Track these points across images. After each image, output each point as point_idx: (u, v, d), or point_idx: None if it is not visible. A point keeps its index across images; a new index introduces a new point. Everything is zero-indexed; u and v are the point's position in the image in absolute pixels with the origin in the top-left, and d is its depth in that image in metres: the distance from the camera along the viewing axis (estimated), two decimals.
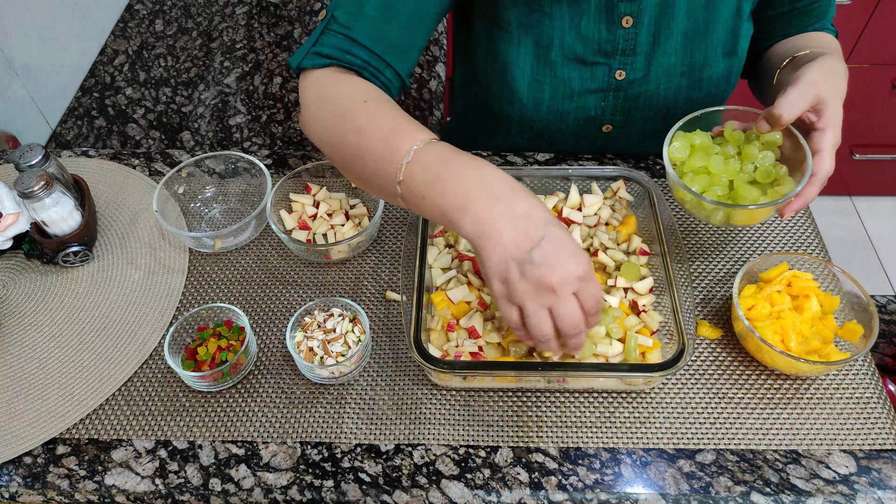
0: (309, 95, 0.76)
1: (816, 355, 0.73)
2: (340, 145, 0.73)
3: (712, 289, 0.84)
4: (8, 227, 0.85)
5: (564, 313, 0.62)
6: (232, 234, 0.87)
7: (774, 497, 0.68)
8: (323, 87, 0.75)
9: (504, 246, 0.61)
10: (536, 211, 0.63)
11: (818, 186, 0.72)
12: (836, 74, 0.75)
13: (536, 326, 0.62)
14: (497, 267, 0.62)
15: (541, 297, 0.61)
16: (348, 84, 0.74)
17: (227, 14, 1.38)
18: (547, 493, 0.69)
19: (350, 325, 0.78)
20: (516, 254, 0.61)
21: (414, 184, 0.66)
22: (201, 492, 0.70)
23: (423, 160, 0.66)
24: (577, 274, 0.61)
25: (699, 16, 0.84)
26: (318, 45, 0.76)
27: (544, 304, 0.62)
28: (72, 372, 0.78)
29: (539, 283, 0.60)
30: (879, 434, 0.72)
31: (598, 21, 0.84)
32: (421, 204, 0.66)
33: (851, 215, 2.21)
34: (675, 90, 0.90)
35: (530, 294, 0.61)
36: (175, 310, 0.84)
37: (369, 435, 0.73)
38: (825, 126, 0.72)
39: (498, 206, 0.62)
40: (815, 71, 0.73)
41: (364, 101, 0.72)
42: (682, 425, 0.73)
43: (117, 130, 1.18)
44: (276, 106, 1.20)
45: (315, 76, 0.76)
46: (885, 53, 1.75)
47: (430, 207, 0.66)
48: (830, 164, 0.72)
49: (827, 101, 0.72)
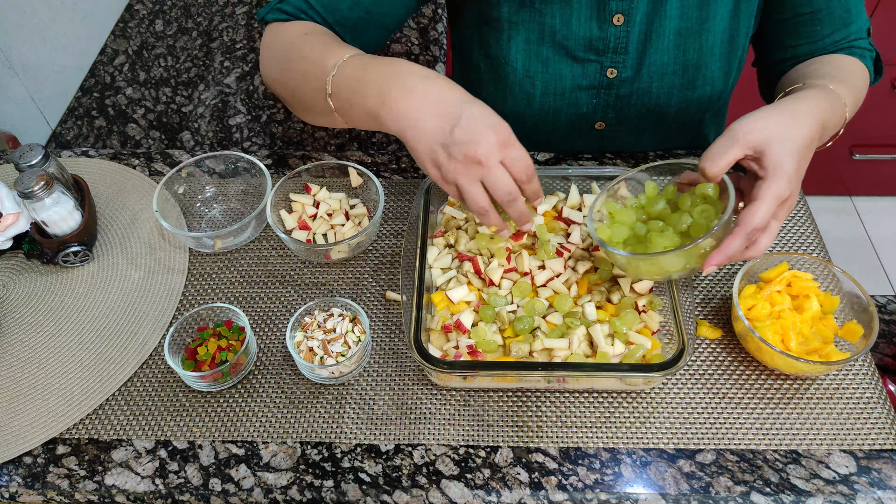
0: (265, 40, 0.85)
1: (816, 355, 0.73)
2: (286, 76, 0.80)
3: (712, 289, 0.84)
4: (8, 227, 0.85)
5: (495, 182, 0.66)
6: (232, 234, 0.87)
7: (774, 497, 0.68)
8: (275, 31, 0.84)
9: (427, 132, 0.66)
10: (451, 93, 0.67)
11: (741, 238, 0.64)
12: (795, 117, 0.67)
13: (473, 200, 0.67)
14: (425, 154, 0.67)
15: (470, 172, 0.65)
16: (296, 25, 0.82)
17: (227, 14, 1.38)
18: (547, 493, 0.69)
19: (350, 325, 0.78)
20: (439, 138, 0.65)
21: (341, 93, 0.72)
22: (201, 492, 0.70)
23: (346, 70, 0.72)
24: (499, 142, 0.65)
25: (692, 14, 0.83)
26: (283, 3, 0.84)
27: (475, 177, 0.66)
28: (72, 372, 0.78)
29: (465, 158, 0.65)
30: (879, 434, 0.72)
31: (590, 18, 0.84)
32: (350, 112, 0.72)
33: (851, 215, 2.21)
34: (668, 89, 0.90)
35: (461, 170, 0.65)
36: (175, 310, 0.84)
37: (369, 435, 0.73)
38: (764, 175, 0.65)
39: (413, 96, 0.67)
40: (754, 116, 0.67)
41: (305, 34, 0.79)
42: (682, 425, 0.73)
43: (117, 130, 1.17)
44: (276, 106, 1.20)
45: (272, 26, 0.85)
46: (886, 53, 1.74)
47: (358, 113, 0.72)
48: (762, 216, 0.64)
49: (766, 149, 0.65)
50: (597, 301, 0.77)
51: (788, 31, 0.87)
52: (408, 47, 1.31)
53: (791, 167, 0.65)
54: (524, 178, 0.67)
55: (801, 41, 0.87)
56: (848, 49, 0.86)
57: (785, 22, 0.87)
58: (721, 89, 0.91)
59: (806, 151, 0.67)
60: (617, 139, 0.98)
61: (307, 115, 0.82)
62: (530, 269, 0.80)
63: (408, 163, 0.99)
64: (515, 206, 0.68)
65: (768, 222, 0.66)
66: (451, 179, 0.67)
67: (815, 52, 0.87)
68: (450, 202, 0.88)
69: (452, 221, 0.86)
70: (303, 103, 0.80)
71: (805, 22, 0.86)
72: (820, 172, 2.11)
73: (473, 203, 0.67)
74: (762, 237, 0.66)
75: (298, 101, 0.80)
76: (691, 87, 0.90)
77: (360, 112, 0.71)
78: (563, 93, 0.90)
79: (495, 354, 0.75)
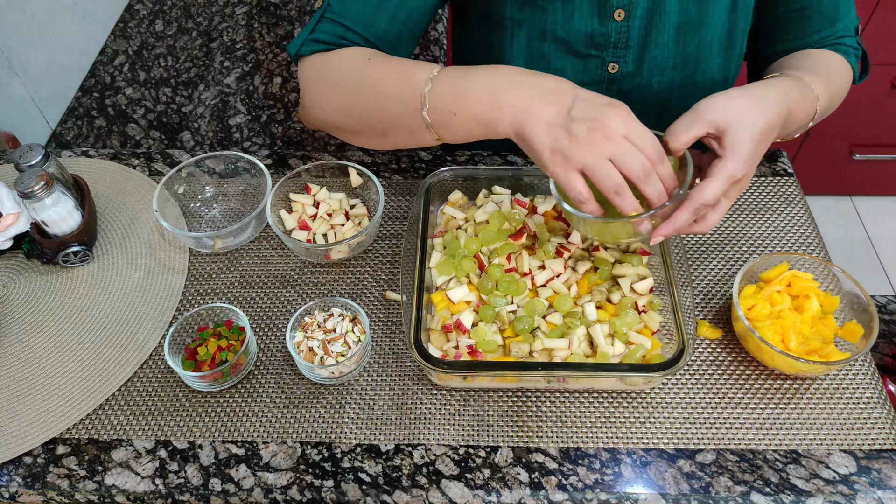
0: (309, 74, 0.81)
1: (816, 355, 0.73)
2: (357, 103, 0.77)
3: (712, 289, 0.84)
4: (8, 227, 0.85)
5: (627, 157, 0.63)
6: (232, 234, 0.87)
7: (774, 497, 0.68)
8: (323, 62, 0.80)
9: (545, 120, 0.65)
10: (562, 83, 0.67)
11: (689, 213, 0.65)
12: (760, 101, 0.68)
13: (607, 176, 0.63)
14: (545, 142, 0.64)
15: (597, 149, 0.62)
16: (347, 52, 0.79)
17: (227, 14, 1.38)
18: (547, 493, 0.69)
19: (350, 325, 0.78)
20: (558, 120, 0.64)
21: (441, 104, 0.70)
22: (201, 492, 0.70)
23: (442, 82, 0.71)
24: (621, 116, 0.63)
25: (692, 9, 0.84)
26: (316, 33, 0.80)
27: (603, 154, 0.62)
28: (72, 372, 0.78)
29: (589, 135, 0.62)
30: (879, 434, 0.72)
31: (591, 14, 0.84)
32: (453, 122, 0.71)
33: (851, 215, 2.21)
34: (669, 84, 0.90)
35: (586, 150, 0.62)
36: (175, 310, 0.84)
37: (369, 435, 0.73)
38: (722, 154, 0.66)
39: (527, 91, 0.66)
40: (722, 96, 0.68)
41: (368, 59, 0.77)
42: (682, 425, 0.73)
43: (117, 130, 1.18)
44: (276, 106, 1.20)
45: (312, 58, 0.81)
46: (885, 53, 1.74)
47: (464, 120, 0.70)
48: (712, 193, 0.65)
49: (728, 129, 0.66)
50: (597, 301, 0.77)
51: (779, 26, 0.89)
52: None
53: (748, 149, 0.66)
54: (655, 155, 0.64)
55: (791, 37, 0.88)
56: (833, 45, 0.87)
57: (776, 18, 0.88)
58: (721, 84, 0.92)
59: (765, 136, 0.68)
60: None
61: (383, 139, 0.79)
62: (530, 269, 0.80)
63: (408, 163, 0.99)
64: (653, 183, 0.64)
65: (718, 200, 0.67)
66: (577, 162, 0.63)
67: (802, 47, 0.88)
68: (450, 202, 0.88)
69: (452, 221, 0.86)
70: (380, 128, 0.77)
71: (795, 18, 0.87)
72: (820, 172, 2.11)
73: (608, 178, 0.63)
74: (711, 214, 0.68)
75: (374, 126, 0.78)
76: (691, 82, 0.90)
77: (465, 119, 0.70)
78: None
79: (495, 354, 0.75)
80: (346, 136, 0.83)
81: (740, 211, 0.92)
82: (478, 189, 0.89)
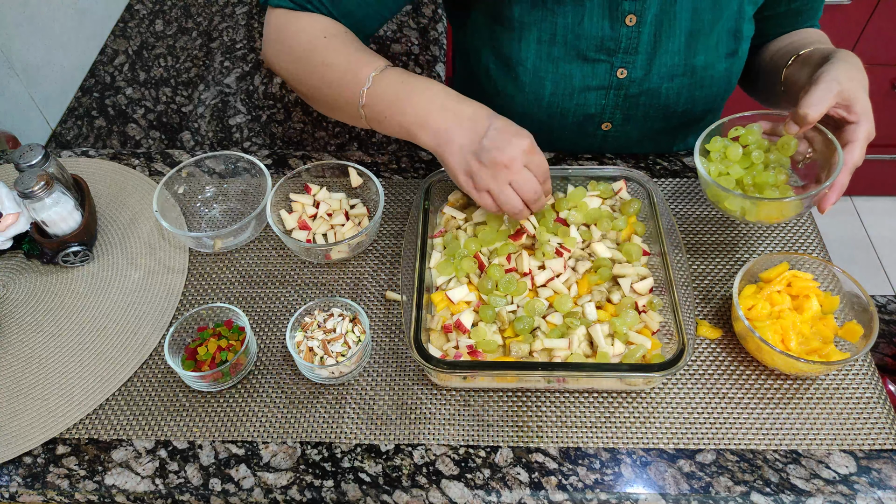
0: (271, 30, 0.85)
1: (816, 355, 0.73)
2: (306, 78, 0.83)
3: (712, 289, 0.84)
4: (8, 227, 0.85)
5: (522, 184, 0.74)
6: (232, 234, 0.87)
7: (774, 497, 0.68)
8: (286, 22, 0.84)
9: (459, 145, 0.74)
10: (480, 111, 0.75)
11: (849, 175, 0.73)
12: (855, 67, 0.76)
13: (507, 202, 0.74)
14: (459, 164, 0.74)
15: (499, 176, 0.73)
16: (309, 22, 0.83)
17: (227, 14, 1.38)
18: (547, 493, 0.69)
19: (350, 325, 0.78)
20: (471, 147, 0.73)
21: (375, 106, 0.78)
22: (201, 492, 0.70)
23: (382, 85, 0.77)
24: (523, 149, 0.73)
25: (705, 17, 0.84)
26: None
27: (504, 180, 0.73)
28: (72, 372, 0.78)
29: (494, 164, 0.72)
30: (879, 434, 0.72)
31: (602, 18, 0.84)
32: (382, 122, 0.78)
33: (851, 215, 2.21)
34: (677, 90, 0.90)
35: (491, 176, 0.73)
36: (175, 310, 0.84)
37: (369, 435, 0.73)
38: (856, 119, 0.74)
39: (449, 116, 0.74)
40: (836, 68, 0.74)
41: (324, 37, 0.81)
42: (682, 425, 0.73)
43: (117, 130, 1.18)
44: (276, 106, 1.20)
45: (279, 13, 0.85)
46: (885, 53, 1.74)
47: (390, 125, 0.78)
48: (860, 154, 0.74)
49: (854, 96, 0.73)
50: (597, 301, 0.77)
51: (778, 22, 0.92)
52: (408, 47, 1.31)
53: (871, 111, 0.75)
54: (542, 179, 0.76)
55: (784, 30, 0.94)
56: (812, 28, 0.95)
57: (777, 16, 0.92)
58: (725, 88, 0.92)
59: None
60: (621, 140, 0.98)
61: (328, 112, 0.87)
62: (530, 269, 0.80)
63: (408, 163, 0.99)
64: (539, 203, 0.76)
65: None
66: (483, 186, 0.74)
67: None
68: (450, 202, 0.88)
69: (452, 221, 0.86)
70: (324, 103, 0.85)
71: (793, 13, 0.91)
72: None
73: (509, 204, 0.74)
74: None
75: (318, 100, 0.85)
76: (699, 87, 0.91)
77: (393, 124, 0.77)
78: (572, 93, 0.90)
79: (495, 354, 0.75)
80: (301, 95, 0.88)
81: None
82: None
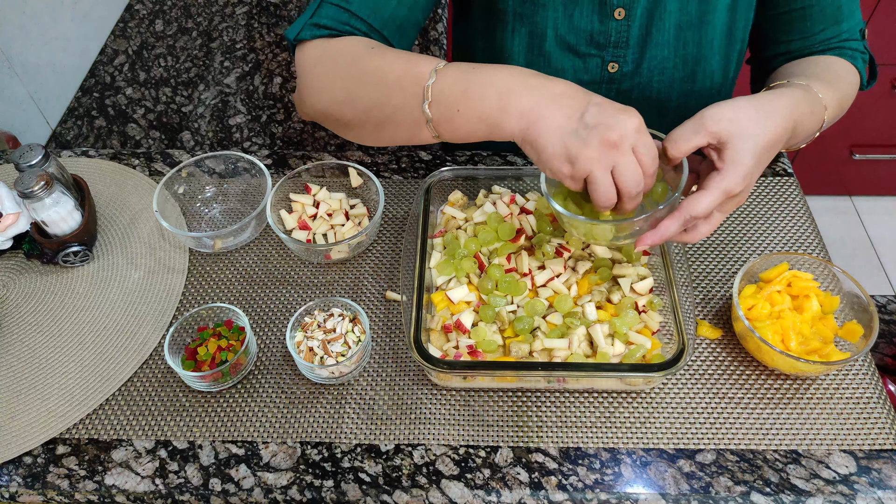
0: (308, 60, 0.77)
1: (816, 355, 0.73)
2: (356, 91, 0.73)
3: (712, 289, 0.84)
4: (8, 227, 0.85)
5: (626, 171, 0.62)
6: (232, 234, 0.87)
7: (774, 497, 0.68)
8: (324, 48, 0.76)
9: (556, 124, 0.62)
10: (573, 88, 0.64)
11: (678, 223, 0.65)
12: (766, 113, 0.66)
13: (604, 193, 0.63)
14: (556, 148, 0.62)
15: (605, 158, 0.61)
16: (349, 40, 0.76)
17: (227, 14, 1.38)
18: (547, 493, 0.69)
19: (350, 325, 0.78)
20: (571, 126, 0.62)
21: (445, 99, 0.67)
22: (201, 492, 0.70)
23: (447, 76, 0.67)
24: (634, 126, 0.62)
25: (692, 8, 0.83)
26: (317, 17, 0.77)
27: (609, 164, 0.62)
28: (72, 372, 0.78)
29: (601, 142, 0.61)
30: (879, 434, 0.72)
31: (591, 12, 0.84)
32: (456, 118, 0.67)
33: (851, 215, 2.21)
34: (669, 83, 0.90)
35: (596, 158, 0.61)
36: (175, 310, 0.84)
37: (369, 435, 0.73)
38: (720, 167, 0.64)
39: (536, 93, 0.64)
40: (728, 105, 0.65)
41: (371, 48, 0.74)
42: (682, 425, 0.73)
43: (117, 130, 1.18)
44: (276, 106, 1.20)
45: (313, 44, 0.77)
46: (885, 53, 1.74)
47: (467, 117, 0.66)
48: (706, 207, 0.64)
49: (728, 140, 0.64)
50: (597, 301, 0.77)
51: (780, 26, 0.87)
52: None
53: (749, 164, 0.64)
54: (651, 172, 0.64)
55: (793, 37, 0.87)
56: (838, 49, 0.85)
57: (778, 17, 0.87)
58: (721, 83, 0.92)
59: (768, 151, 0.66)
60: None
61: (379, 132, 0.75)
62: (530, 270, 0.80)
63: (408, 163, 0.99)
64: (637, 199, 0.65)
65: (711, 213, 0.66)
66: (584, 170, 0.62)
67: (805, 48, 0.86)
68: (450, 202, 0.88)
69: (452, 221, 0.86)
70: (379, 119, 0.73)
71: (796, 17, 0.85)
72: (820, 172, 2.11)
73: (604, 197, 0.63)
74: (702, 225, 0.67)
75: (372, 117, 0.74)
76: (691, 81, 0.90)
77: (469, 117, 0.67)
78: None
79: (495, 354, 0.75)
80: (342, 129, 0.79)
81: (740, 211, 0.92)
82: (478, 189, 0.89)
